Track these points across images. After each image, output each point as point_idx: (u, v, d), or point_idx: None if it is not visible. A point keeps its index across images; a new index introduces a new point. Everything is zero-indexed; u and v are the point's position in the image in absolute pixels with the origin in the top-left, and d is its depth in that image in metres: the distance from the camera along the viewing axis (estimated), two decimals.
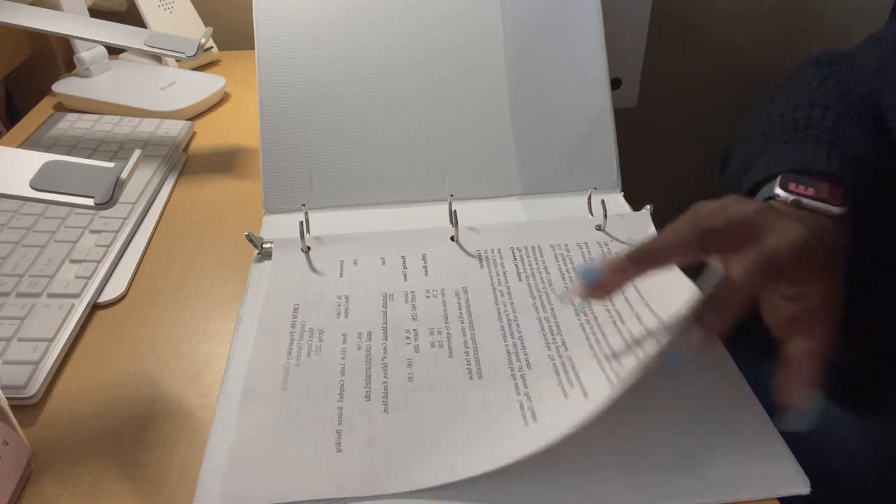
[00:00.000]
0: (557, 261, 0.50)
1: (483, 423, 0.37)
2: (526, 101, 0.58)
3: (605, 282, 0.36)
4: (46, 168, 0.39)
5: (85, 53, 0.75)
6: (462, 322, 0.44)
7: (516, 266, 0.49)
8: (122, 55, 0.84)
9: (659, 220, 0.46)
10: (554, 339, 0.43)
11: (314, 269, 0.49)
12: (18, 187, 0.38)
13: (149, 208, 0.58)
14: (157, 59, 0.84)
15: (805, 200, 0.41)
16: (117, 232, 0.54)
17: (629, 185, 0.58)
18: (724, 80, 1.10)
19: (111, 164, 0.40)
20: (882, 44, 0.54)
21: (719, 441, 0.37)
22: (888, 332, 0.50)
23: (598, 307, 0.44)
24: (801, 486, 0.35)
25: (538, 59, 0.59)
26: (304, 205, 0.54)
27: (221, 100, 0.78)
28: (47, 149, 0.65)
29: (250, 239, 0.50)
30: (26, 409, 0.41)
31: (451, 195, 0.55)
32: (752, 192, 0.46)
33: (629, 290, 0.44)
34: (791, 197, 0.41)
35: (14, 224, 0.54)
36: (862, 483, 0.53)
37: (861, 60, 0.54)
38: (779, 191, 0.42)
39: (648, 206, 0.53)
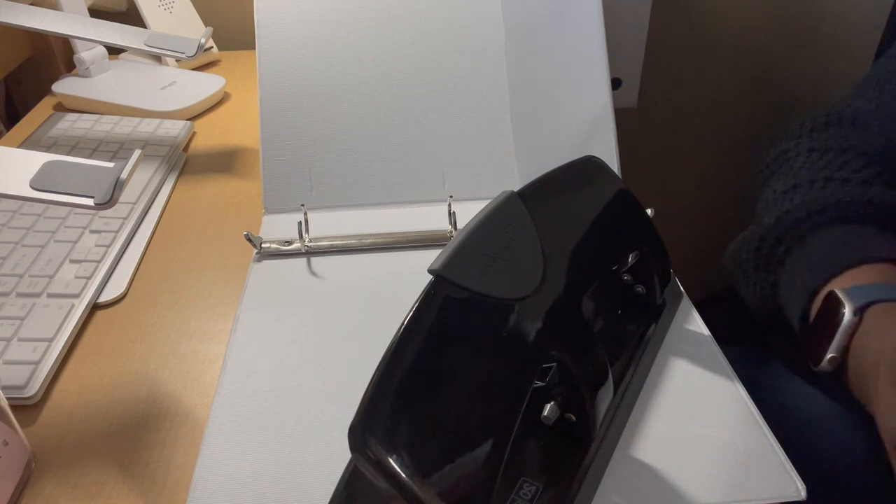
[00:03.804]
0: None
1: None
2: (526, 102, 0.58)
3: None
4: (46, 168, 0.39)
5: (85, 53, 0.75)
6: None
7: None
8: (122, 55, 0.84)
9: (660, 222, 0.46)
10: None
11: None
12: (18, 187, 0.38)
13: (149, 208, 0.58)
14: (157, 59, 0.84)
15: None
16: (117, 232, 0.54)
17: (629, 185, 0.58)
18: (725, 79, 1.10)
19: (111, 164, 0.40)
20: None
21: (713, 446, 0.37)
22: None
23: None
24: (797, 492, 0.35)
25: (539, 59, 0.59)
26: (303, 205, 0.54)
27: (221, 100, 0.78)
28: (47, 149, 0.65)
29: (249, 239, 0.50)
30: (26, 409, 0.41)
31: (451, 196, 0.55)
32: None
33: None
34: None
35: (14, 224, 0.54)
36: (861, 488, 0.53)
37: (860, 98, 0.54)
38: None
39: (650, 210, 0.53)
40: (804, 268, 0.46)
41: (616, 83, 1.03)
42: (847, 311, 0.41)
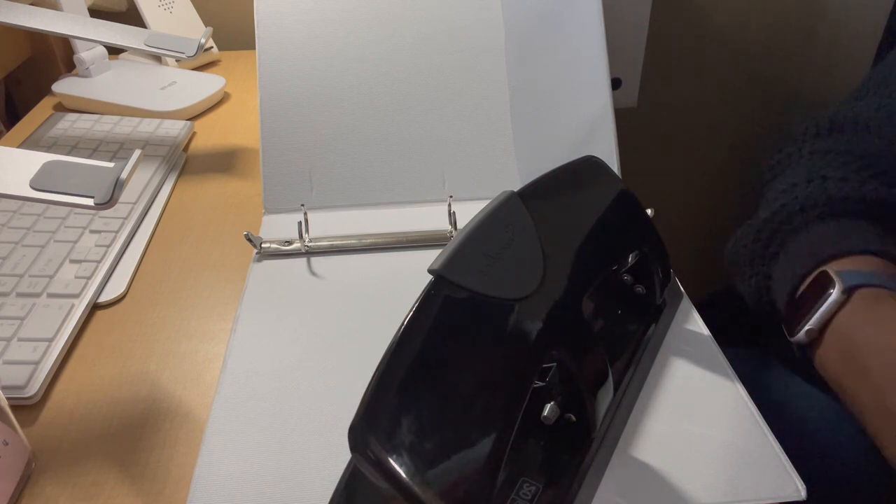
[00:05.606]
0: None
1: None
2: (526, 102, 0.58)
3: None
4: (46, 168, 0.39)
5: (85, 53, 0.75)
6: None
7: None
8: (122, 55, 0.84)
9: (660, 222, 0.46)
10: None
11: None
12: (18, 187, 0.38)
13: (149, 208, 0.58)
14: (157, 59, 0.84)
15: None
16: (117, 232, 0.54)
17: (629, 185, 0.58)
18: (725, 80, 1.10)
19: (111, 164, 0.40)
20: None
21: (713, 446, 0.37)
22: None
23: None
24: (796, 492, 0.35)
25: (538, 59, 0.59)
26: (303, 205, 0.54)
27: (221, 100, 0.78)
28: (47, 149, 0.65)
29: (249, 239, 0.50)
30: (26, 409, 0.41)
31: (451, 196, 0.55)
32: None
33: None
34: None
35: (14, 224, 0.54)
36: (861, 488, 0.53)
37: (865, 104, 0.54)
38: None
39: (650, 210, 0.53)
40: (796, 257, 0.47)
41: (616, 83, 1.03)
42: (836, 290, 0.42)
